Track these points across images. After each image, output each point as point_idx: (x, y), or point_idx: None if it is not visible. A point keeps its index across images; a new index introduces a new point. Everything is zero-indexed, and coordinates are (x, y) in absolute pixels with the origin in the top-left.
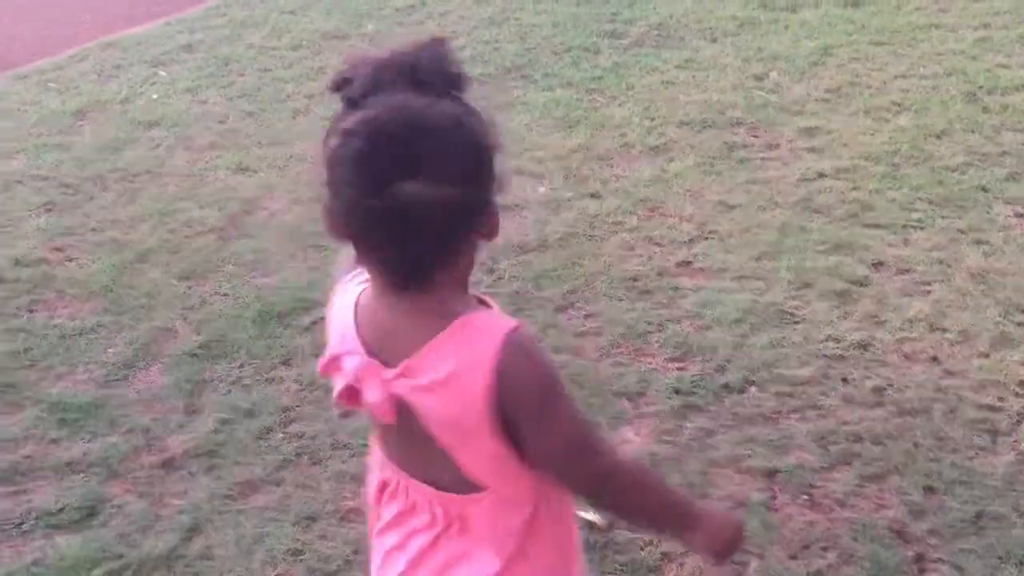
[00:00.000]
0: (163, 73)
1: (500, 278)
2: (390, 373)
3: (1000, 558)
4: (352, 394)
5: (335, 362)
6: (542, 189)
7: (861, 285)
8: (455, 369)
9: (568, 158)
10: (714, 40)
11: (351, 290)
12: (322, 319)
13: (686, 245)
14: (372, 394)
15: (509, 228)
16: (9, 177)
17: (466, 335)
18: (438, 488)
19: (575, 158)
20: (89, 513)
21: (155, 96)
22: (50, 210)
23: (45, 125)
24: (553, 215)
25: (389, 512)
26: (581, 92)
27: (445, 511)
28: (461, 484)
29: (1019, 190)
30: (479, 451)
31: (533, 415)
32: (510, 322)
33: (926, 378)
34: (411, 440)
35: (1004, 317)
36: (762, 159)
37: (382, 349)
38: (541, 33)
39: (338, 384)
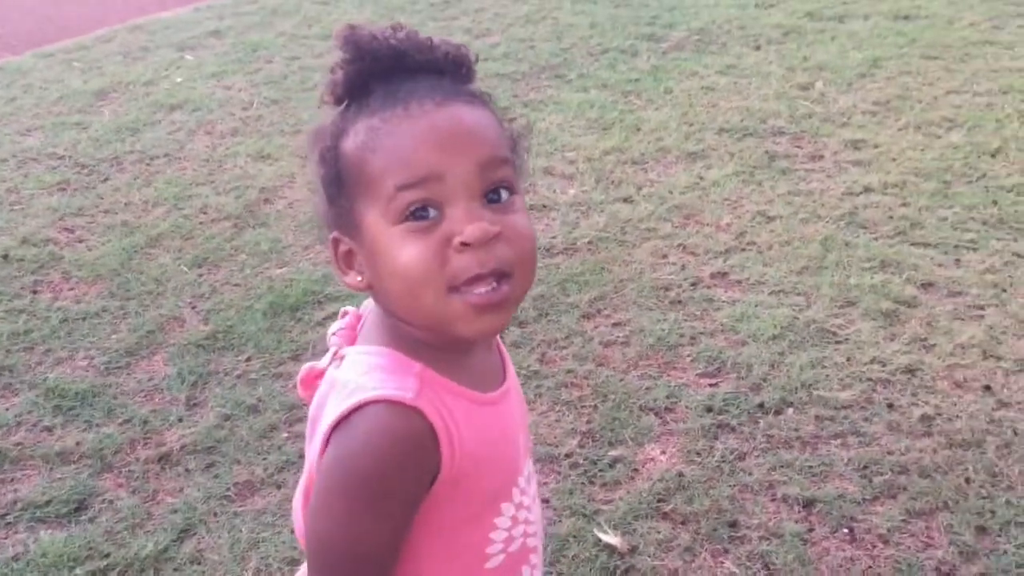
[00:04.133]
0: (189, 57)
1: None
2: (340, 352)
3: None
4: None
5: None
6: (572, 191)
7: (909, 306)
8: (339, 388)
9: (601, 160)
10: (757, 47)
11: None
12: (334, 314)
13: (722, 255)
14: (322, 361)
15: (537, 229)
16: (25, 154)
17: (375, 366)
18: None
19: (608, 161)
20: (77, 507)
21: (179, 80)
22: (63, 189)
23: (65, 104)
24: (583, 218)
25: None
26: (617, 94)
27: None
28: None
29: None
30: (300, 490)
31: (318, 486)
32: (403, 391)
33: (978, 408)
34: None
35: None
36: (805, 170)
37: (363, 328)
38: (578, 33)
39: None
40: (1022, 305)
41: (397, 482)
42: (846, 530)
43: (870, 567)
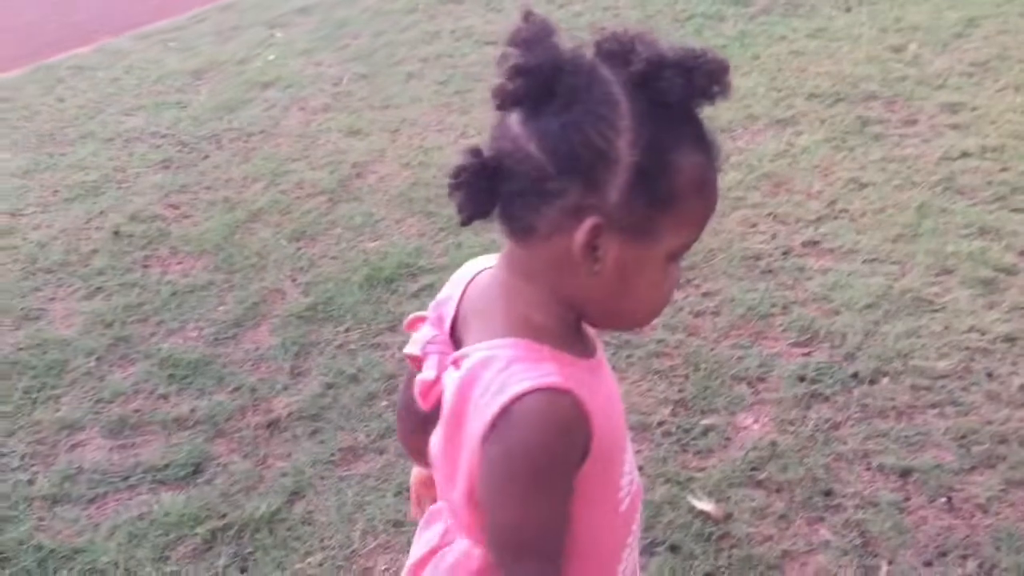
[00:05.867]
0: (279, 35)
1: None
2: (451, 356)
3: None
4: (414, 362)
5: (419, 322)
6: None
7: (1009, 273)
8: (483, 388)
9: None
10: (848, 9)
11: (482, 261)
12: (429, 286)
13: (813, 224)
14: (426, 372)
15: None
16: (129, 134)
17: (512, 359)
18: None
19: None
20: (194, 470)
21: (271, 57)
22: (167, 167)
23: (164, 84)
24: None
25: (429, 510)
26: None
27: (450, 530)
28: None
29: None
30: (460, 490)
31: (494, 479)
32: (551, 378)
33: None
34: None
35: None
36: (899, 135)
37: (464, 331)
38: (664, 2)
39: (410, 346)
40: None
41: (566, 461)
42: (944, 499)
43: (968, 536)
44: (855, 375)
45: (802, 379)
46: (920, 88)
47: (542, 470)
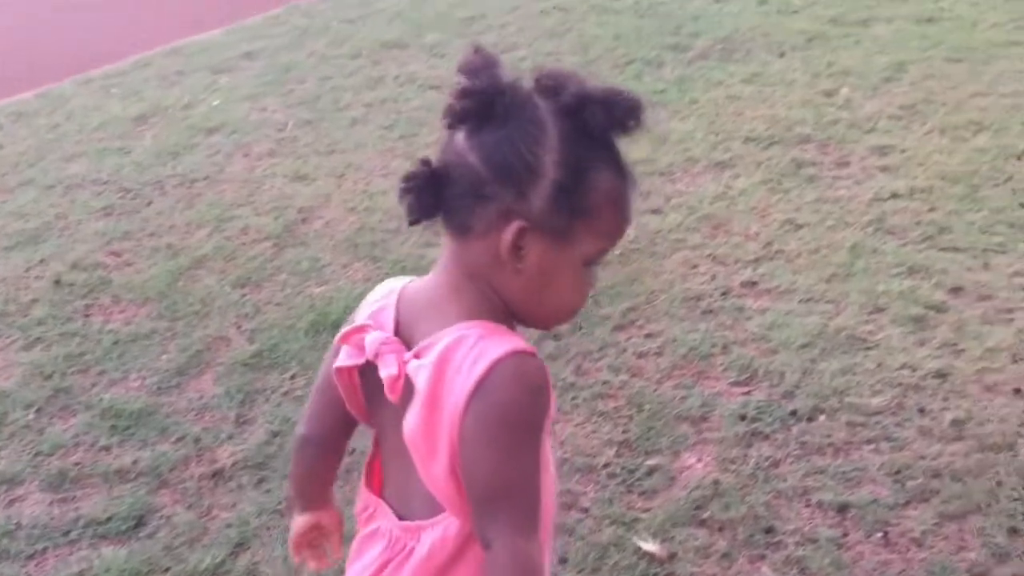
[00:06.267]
0: (224, 80)
1: None
2: (408, 353)
3: None
4: (350, 375)
5: (359, 332)
6: None
7: (938, 311)
8: (456, 365)
9: None
10: (782, 54)
11: (398, 279)
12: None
13: (752, 264)
14: (388, 368)
15: None
16: (71, 181)
17: (481, 335)
18: (401, 516)
19: (636, 172)
20: (137, 523)
21: (216, 103)
22: (109, 214)
23: (107, 130)
24: None
25: (358, 539)
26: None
27: (398, 540)
28: (426, 505)
29: None
30: (442, 464)
31: (479, 436)
32: (521, 344)
33: (1009, 412)
34: (398, 450)
35: None
36: (832, 177)
37: (410, 331)
38: (603, 45)
39: (344, 358)
40: None
41: (541, 417)
42: (880, 534)
43: (904, 570)
44: (793, 413)
45: (743, 418)
46: (851, 131)
47: (523, 424)
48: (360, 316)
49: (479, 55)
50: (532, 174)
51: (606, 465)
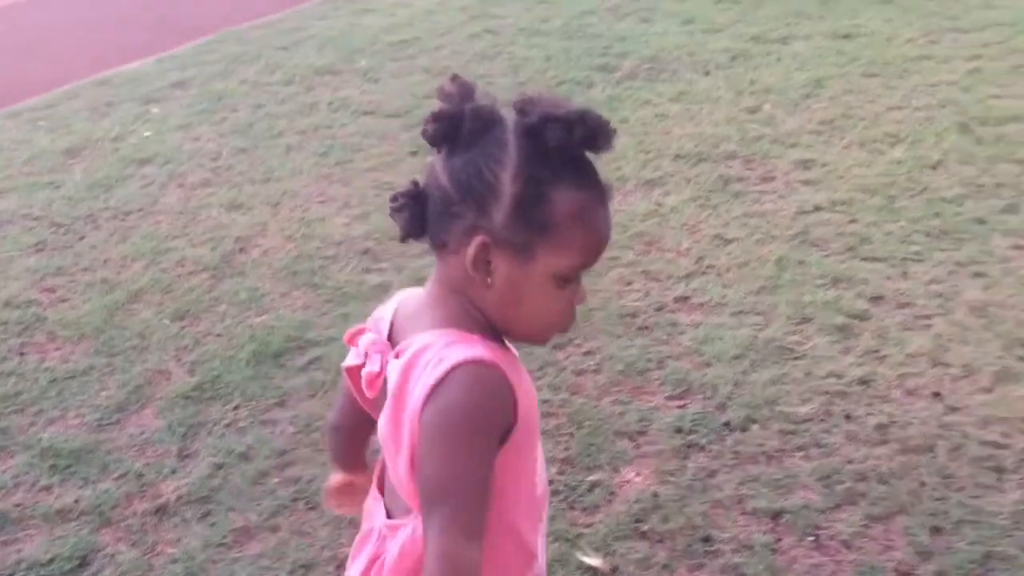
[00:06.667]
0: (155, 110)
1: None
2: (392, 352)
3: None
4: (355, 373)
5: (359, 334)
6: None
7: (861, 319)
8: (420, 367)
9: None
10: (707, 73)
11: (408, 290)
12: (317, 359)
13: (684, 280)
14: (371, 366)
15: None
16: (0, 217)
17: (448, 343)
18: (389, 515)
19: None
20: (80, 563)
21: (147, 133)
22: (41, 250)
23: (36, 164)
24: None
25: (357, 539)
26: None
27: (383, 539)
28: (403, 504)
29: (1017, 222)
30: (404, 462)
31: (428, 436)
32: (483, 353)
33: (929, 414)
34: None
35: (1006, 351)
36: (758, 192)
37: (399, 336)
38: (534, 67)
39: (349, 359)
40: (966, 313)
41: (491, 423)
42: (811, 538)
43: (835, 572)
44: (727, 424)
45: (679, 431)
46: (775, 147)
47: (468, 427)
48: (374, 315)
49: (455, 82)
50: (492, 191)
51: (549, 483)
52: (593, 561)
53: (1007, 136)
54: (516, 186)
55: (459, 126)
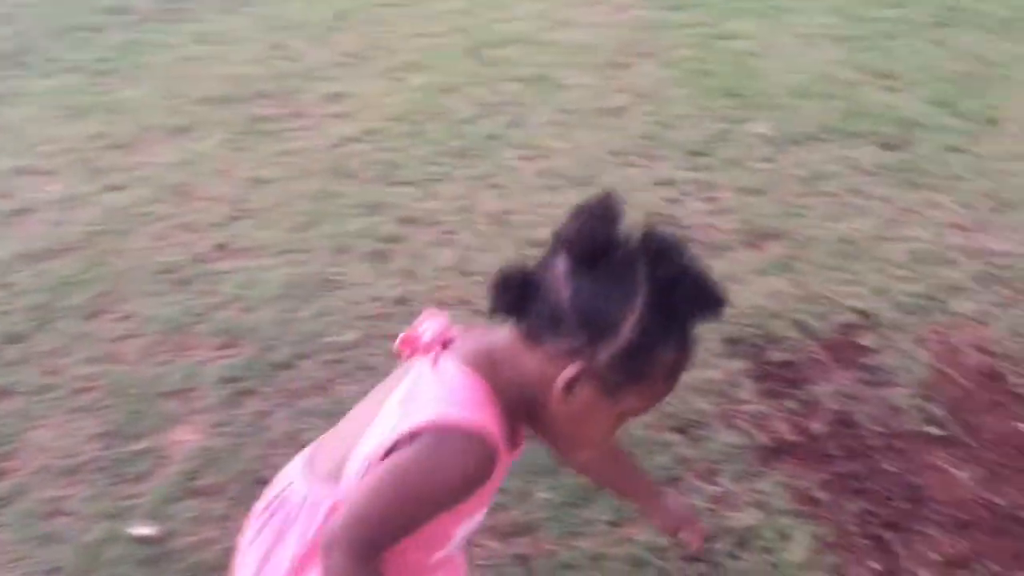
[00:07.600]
0: None
1: (15, 293)
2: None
3: None
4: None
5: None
6: (55, 187)
7: (395, 242)
8: (430, 394)
9: (82, 150)
10: (229, 11)
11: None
12: None
13: (221, 227)
14: (419, 331)
15: (18, 235)
16: None
17: (464, 398)
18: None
19: (90, 149)
20: None
21: None
22: None
23: None
24: (70, 214)
25: None
26: (90, 76)
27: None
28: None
29: (522, 135)
30: (368, 458)
31: (391, 468)
32: (484, 427)
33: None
34: None
35: (518, 252)
36: (291, 130)
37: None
38: (32, 13)
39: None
40: (486, 223)
41: (449, 499)
42: None
43: None
44: (275, 364)
45: (229, 380)
46: (304, 83)
47: (433, 493)
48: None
49: (609, 200)
50: (611, 332)
51: (92, 460)
52: (144, 530)
53: (508, 57)
54: (633, 335)
55: (600, 253)
